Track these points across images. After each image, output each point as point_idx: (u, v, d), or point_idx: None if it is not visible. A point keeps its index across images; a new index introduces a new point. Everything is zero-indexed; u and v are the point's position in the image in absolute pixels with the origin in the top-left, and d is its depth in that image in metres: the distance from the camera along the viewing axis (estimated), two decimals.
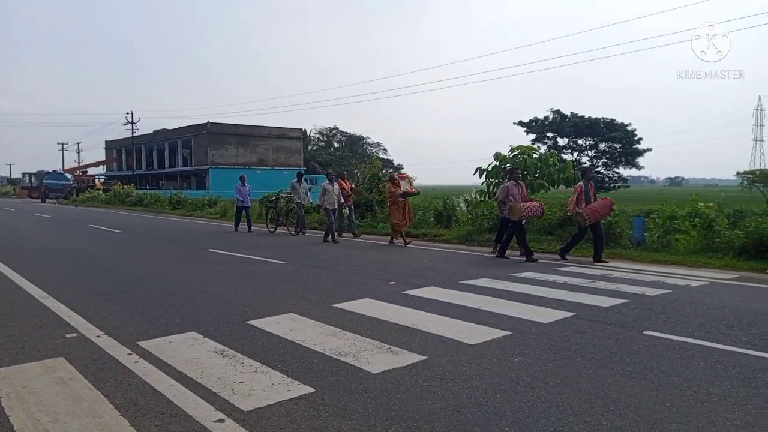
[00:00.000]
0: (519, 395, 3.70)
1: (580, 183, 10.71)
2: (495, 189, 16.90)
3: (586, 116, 56.04)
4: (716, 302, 6.60)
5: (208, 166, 54.29)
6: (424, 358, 4.48)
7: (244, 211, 17.87)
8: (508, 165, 16.81)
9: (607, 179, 58.12)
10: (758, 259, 9.56)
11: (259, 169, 54.12)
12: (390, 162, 66.08)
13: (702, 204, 12.17)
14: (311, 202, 17.14)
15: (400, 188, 13.39)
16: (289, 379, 4.05)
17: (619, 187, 59.01)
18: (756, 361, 4.37)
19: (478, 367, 4.28)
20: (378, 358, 4.47)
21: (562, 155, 52.97)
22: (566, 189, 21.75)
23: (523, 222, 10.86)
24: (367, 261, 10.62)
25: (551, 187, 17.54)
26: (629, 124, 56.36)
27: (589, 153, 57.70)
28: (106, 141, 74.52)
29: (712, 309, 6.21)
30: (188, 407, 3.54)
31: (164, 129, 62.04)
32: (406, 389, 3.83)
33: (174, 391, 3.81)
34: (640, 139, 56.38)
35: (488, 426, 3.24)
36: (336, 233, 14.51)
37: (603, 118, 56.15)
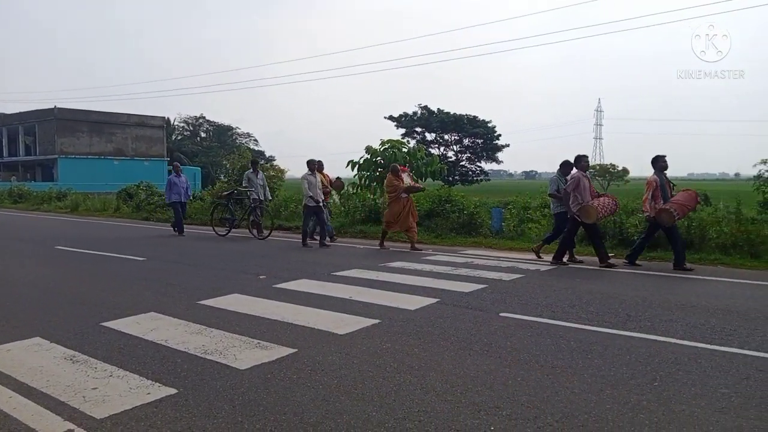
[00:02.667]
0: (386, 380, 3.82)
1: (654, 175, 8.68)
2: (367, 181, 17.25)
3: (452, 112, 58.95)
4: (561, 284, 7.30)
5: (56, 156, 49.20)
6: (294, 350, 4.46)
7: (181, 210, 14.49)
8: (379, 158, 17.23)
9: (470, 172, 61.68)
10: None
11: (116, 160, 50.06)
12: (261, 153, 64.48)
13: None
14: (270, 199, 14.48)
15: (403, 181, 11.05)
16: (149, 381, 3.82)
17: (481, 180, 62.96)
18: (592, 335, 4.91)
19: (348, 356, 4.35)
20: (246, 354, 4.38)
21: (430, 149, 55.26)
22: (433, 182, 22.74)
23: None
24: (239, 256, 10.31)
25: (419, 180, 18.27)
26: (490, 121, 60.27)
27: (455, 148, 60.80)
28: None
29: (557, 290, 6.86)
30: (31, 420, 3.21)
31: (1, 113, 55.11)
32: (275, 383, 3.79)
33: (14, 404, 3.43)
34: (500, 135, 60.50)
35: (356, 412, 3.32)
36: (328, 237, 11.92)
37: (467, 114, 59.43)
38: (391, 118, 60.38)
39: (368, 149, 17.10)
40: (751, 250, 9.31)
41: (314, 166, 11.78)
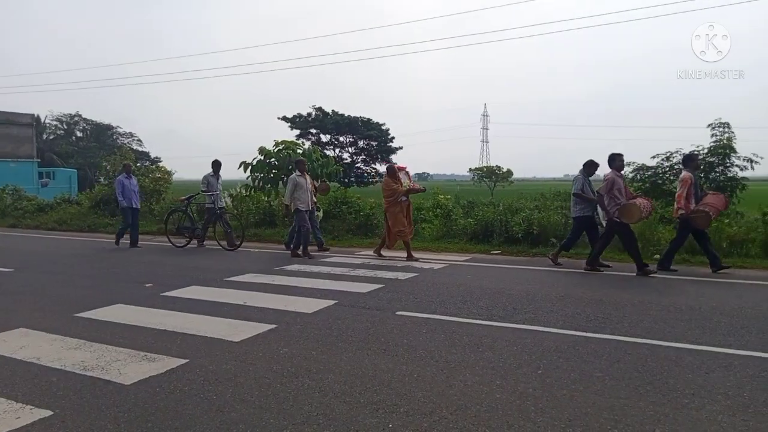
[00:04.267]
0: (284, 386, 3.75)
1: (688, 173, 8.30)
2: (261, 183, 16.85)
3: (346, 114, 59.22)
4: (454, 281, 7.58)
5: None
6: (184, 361, 4.25)
7: (132, 216, 12.10)
8: (273, 160, 16.90)
9: (366, 174, 62.32)
10: (485, 242, 11.26)
11: None
12: (146, 154, 60.81)
13: (442, 197, 13.95)
14: (223, 207, 12.39)
15: (401, 183, 10.07)
16: (19, 404, 3.47)
17: (377, 181, 63.80)
18: (483, 329, 5.14)
19: (243, 363, 4.22)
20: (132, 368, 4.10)
21: (325, 151, 55.10)
22: (329, 183, 22.58)
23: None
24: (124, 264, 9.65)
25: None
26: (383, 124, 61.22)
27: (350, 149, 61.10)
28: None
29: (450, 287, 7.12)
30: None
31: None
32: (164, 396, 3.59)
33: None
34: (393, 138, 61.69)
35: (253, 421, 3.22)
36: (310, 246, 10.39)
37: (361, 117, 59.98)
38: (284, 118, 59.44)
39: (261, 150, 16.69)
40: (617, 246, 10.22)
41: (304, 166, 10.53)
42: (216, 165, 12.27)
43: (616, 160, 8.45)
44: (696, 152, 8.09)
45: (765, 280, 7.65)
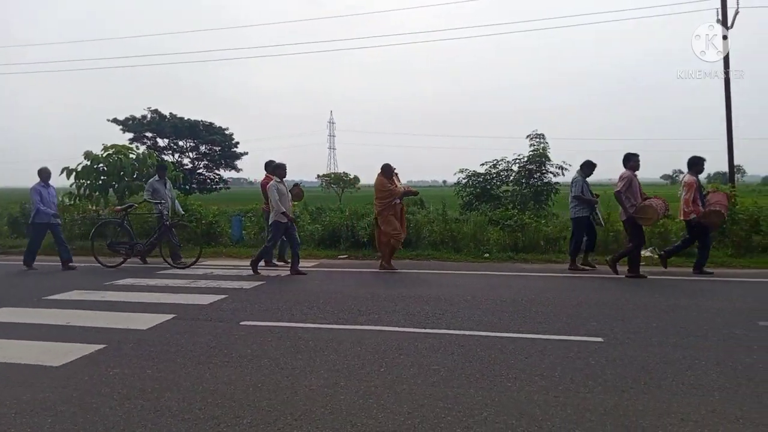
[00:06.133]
0: (113, 410, 3.46)
1: (692, 177, 8.30)
2: (87, 191, 15.33)
3: (186, 117, 56.25)
4: (301, 288, 7.58)
5: None
6: None
7: (53, 233, 9.99)
8: (101, 165, 15.50)
9: (209, 180, 59.69)
10: (333, 247, 11.43)
11: None
12: None
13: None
14: (183, 213, 11.25)
15: (396, 185, 9.31)
16: None
17: (221, 188, 61.46)
18: (328, 333, 5.20)
19: (65, 389, 3.81)
20: None
21: (163, 156, 51.84)
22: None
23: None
24: None
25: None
26: (227, 128, 59.19)
27: (191, 155, 58.13)
28: None
29: (297, 294, 7.10)
30: None
31: None
32: None
33: None
34: (238, 143, 59.91)
35: None
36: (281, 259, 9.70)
37: (202, 120, 57.37)
38: (116, 121, 54.79)
39: (87, 155, 15.19)
40: (455, 246, 11.02)
41: (283, 172, 9.08)
42: (161, 169, 10.90)
43: (631, 160, 8.24)
44: (700, 156, 8.42)
45: (573, 272, 8.74)
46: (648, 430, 3.10)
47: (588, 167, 9.13)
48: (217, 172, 60.60)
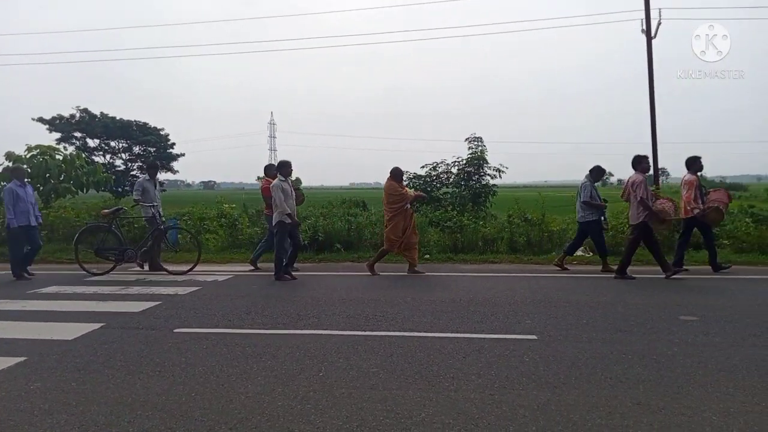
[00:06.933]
0: (34, 426, 3.26)
1: (692, 176, 8.54)
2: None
3: (118, 117, 53.96)
4: (238, 292, 7.41)
5: None
6: None
7: (29, 239, 9.14)
8: (25, 166, 14.67)
9: None
10: (272, 251, 11.21)
11: None
12: None
13: (227, 205, 13.54)
14: (163, 219, 10.12)
15: (407, 190, 9.20)
16: None
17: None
18: (267, 338, 5.11)
19: None
20: None
21: (93, 157, 49.58)
22: (98, 193, 20.44)
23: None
24: None
25: (79, 191, 16.24)
26: (162, 129, 57.19)
27: (124, 156, 55.83)
28: None
29: (235, 299, 6.94)
30: None
31: None
32: None
33: None
34: (174, 144, 58.00)
35: None
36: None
37: (136, 121, 55.18)
38: (41, 120, 51.91)
39: (9, 155, 14.38)
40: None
41: (289, 170, 8.59)
42: (153, 168, 10.17)
43: (642, 162, 8.29)
44: (697, 155, 8.61)
45: (509, 272, 8.98)
46: (578, 424, 3.21)
47: (597, 172, 9.10)
48: None
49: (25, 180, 9.45)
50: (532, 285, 7.77)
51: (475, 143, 16.83)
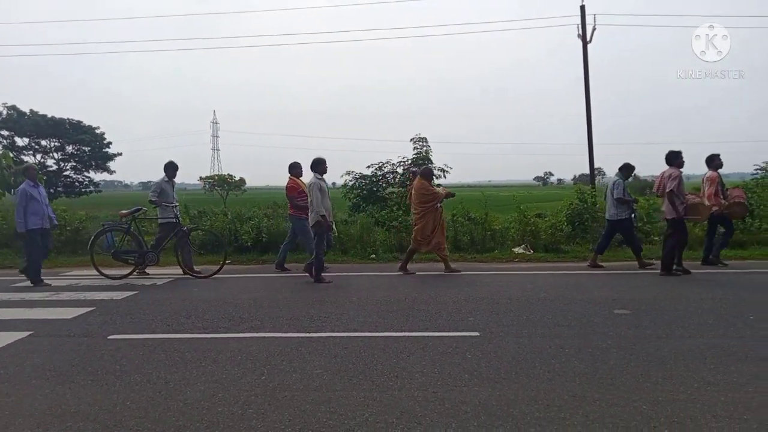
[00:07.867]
0: None
1: (714, 173, 8.95)
2: None
3: (49, 115, 51.36)
4: (178, 296, 7.19)
5: None
6: None
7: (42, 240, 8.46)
8: None
9: (77, 183, 54.97)
10: (215, 252, 10.94)
11: None
12: None
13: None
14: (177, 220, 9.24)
15: (437, 189, 9.17)
16: None
17: (92, 191, 56.80)
18: (207, 343, 4.98)
19: None
20: None
21: (22, 157, 47.09)
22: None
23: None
24: None
25: (6, 193, 15.34)
26: (98, 128, 54.82)
27: (56, 155, 53.17)
28: None
29: (174, 303, 6.72)
30: None
31: None
32: None
33: None
34: (110, 143, 55.71)
35: None
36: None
37: (69, 118, 52.66)
38: None
39: None
40: (342, 247, 11.05)
41: (324, 167, 8.30)
42: (171, 168, 9.45)
43: (679, 158, 8.38)
44: (716, 153, 8.95)
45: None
46: (518, 418, 3.29)
47: (627, 169, 9.22)
48: (86, 174, 55.94)
49: (36, 179, 8.76)
50: (475, 282, 7.90)
51: (420, 143, 16.99)
